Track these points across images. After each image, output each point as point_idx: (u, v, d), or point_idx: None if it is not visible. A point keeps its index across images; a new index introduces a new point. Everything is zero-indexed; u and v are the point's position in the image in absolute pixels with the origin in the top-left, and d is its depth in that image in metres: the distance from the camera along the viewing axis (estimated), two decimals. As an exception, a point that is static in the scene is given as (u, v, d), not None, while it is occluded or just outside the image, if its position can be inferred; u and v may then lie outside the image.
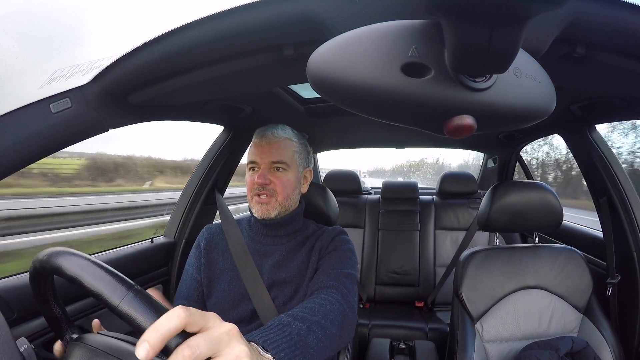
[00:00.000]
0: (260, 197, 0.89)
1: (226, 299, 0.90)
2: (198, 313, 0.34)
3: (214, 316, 0.37)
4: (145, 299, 0.39)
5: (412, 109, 0.35)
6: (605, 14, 0.45)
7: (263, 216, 0.90)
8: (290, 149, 0.93)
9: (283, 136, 0.92)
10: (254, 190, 0.90)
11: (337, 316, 0.69)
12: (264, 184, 0.88)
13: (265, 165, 0.90)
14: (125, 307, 0.38)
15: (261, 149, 0.90)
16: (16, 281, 0.82)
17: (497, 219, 1.11)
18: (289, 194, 0.91)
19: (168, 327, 0.31)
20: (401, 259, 2.18)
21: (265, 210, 0.89)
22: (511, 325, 1.07)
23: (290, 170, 0.92)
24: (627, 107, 0.96)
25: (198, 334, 0.33)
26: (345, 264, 0.86)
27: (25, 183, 6.69)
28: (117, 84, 0.63)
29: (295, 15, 0.47)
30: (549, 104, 0.40)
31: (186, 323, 0.33)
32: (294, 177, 0.93)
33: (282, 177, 0.90)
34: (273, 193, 0.89)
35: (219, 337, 0.34)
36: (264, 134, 0.92)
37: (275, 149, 0.90)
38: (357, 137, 2.07)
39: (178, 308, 0.33)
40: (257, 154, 0.91)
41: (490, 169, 2.54)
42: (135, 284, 0.41)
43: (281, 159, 0.90)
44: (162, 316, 0.32)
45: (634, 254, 1.11)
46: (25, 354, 0.47)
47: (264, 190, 0.89)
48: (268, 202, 0.89)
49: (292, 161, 0.92)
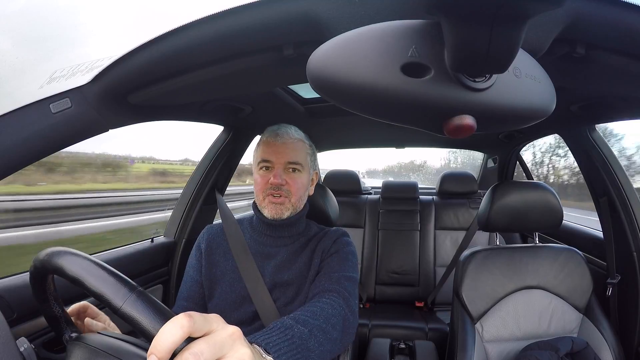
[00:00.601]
0: (274, 197, 0.88)
1: (228, 300, 0.89)
2: (201, 319, 0.34)
3: (216, 318, 0.36)
4: (148, 301, 0.39)
5: (412, 109, 0.35)
6: (605, 14, 0.45)
7: (276, 216, 0.88)
8: (304, 150, 0.92)
9: (297, 137, 0.92)
10: (268, 190, 0.88)
11: (338, 320, 0.69)
12: (280, 185, 0.87)
13: (280, 165, 0.88)
14: (128, 309, 0.38)
15: (276, 148, 0.88)
16: (16, 281, 0.82)
17: (497, 219, 1.11)
18: (301, 195, 0.91)
19: (173, 340, 0.31)
20: (401, 258, 2.18)
21: (279, 211, 0.88)
22: (511, 326, 1.07)
23: (304, 171, 0.91)
24: (627, 107, 0.96)
25: (202, 339, 0.33)
26: (347, 266, 0.86)
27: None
28: (117, 84, 0.63)
29: (295, 15, 0.47)
30: (549, 104, 0.40)
31: (190, 332, 0.33)
32: (307, 179, 0.93)
33: (297, 179, 0.89)
34: (288, 194, 0.88)
35: (222, 340, 0.34)
36: (278, 133, 0.90)
37: (291, 149, 0.89)
38: (357, 137, 2.07)
39: (182, 317, 0.33)
40: (272, 153, 0.89)
41: (490, 169, 2.54)
42: (138, 285, 0.41)
43: (297, 160, 0.89)
44: (166, 326, 0.32)
45: (634, 254, 1.11)
46: (25, 353, 0.47)
47: (279, 191, 0.87)
48: (282, 203, 0.88)
49: (305, 163, 0.92)
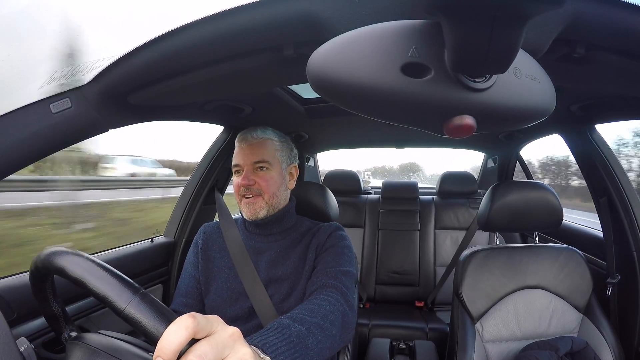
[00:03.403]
0: (246, 197, 0.91)
1: (223, 296, 0.90)
2: (204, 320, 0.35)
3: (217, 319, 0.37)
4: (151, 303, 0.39)
5: (412, 109, 0.35)
6: (605, 14, 0.45)
7: (252, 217, 0.92)
8: (271, 147, 0.95)
9: (262, 137, 0.95)
10: (241, 192, 0.92)
11: (337, 316, 0.70)
12: (248, 185, 0.90)
13: (248, 166, 0.92)
14: (132, 311, 0.38)
15: (242, 152, 0.93)
16: (16, 281, 0.82)
17: (497, 218, 1.11)
18: (274, 191, 0.93)
19: (179, 342, 0.32)
20: (401, 258, 2.18)
21: (253, 211, 0.91)
22: (511, 325, 1.07)
23: (273, 168, 0.94)
24: (627, 107, 0.96)
25: (204, 340, 0.34)
26: (343, 261, 0.86)
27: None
28: (117, 84, 0.63)
29: (296, 15, 0.47)
30: (549, 104, 0.40)
31: (194, 333, 0.33)
32: (278, 174, 0.95)
33: (265, 176, 0.92)
34: (259, 192, 0.91)
35: (224, 341, 0.35)
36: (244, 137, 0.95)
37: (255, 149, 0.93)
38: (357, 137, 2.07)
39: (186, 318, 0.33)
40: (240, 157, 0.93)
41: (490, 169, 2.54)
42: (141, 287, 0.41)
43: (262, 158, 0.92)
44: (171, 328, 0.32)
45: (634, 254, 1.11)
46: (25, 353, 0.47)
47: (249, 191, 0.91)
48: (255, 202, 0.91)
49: (273, 159, 0.94)
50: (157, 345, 0.32)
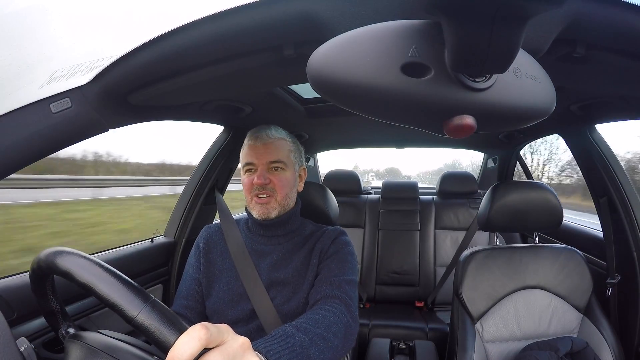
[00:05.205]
0: (259, 197, 0.90)
1: (225, 298, 0.90)
2: (215, 330, 0.35)
3: (227, 329, 0.38)
4: (162, 312, 0.39)
5: (412, 109, 0.35)
6: (605, 14, 0.45)
7: (263, 216, 0.90)
8: (286, 148, 0.93)
9: (277, 136, 0.93)
10: (253, 191, 0.90)
11: (340, 328, 0.70)
12: (263, 184, 0.88)
13: (263, 165, 0.90)
14: (143, 319, 0.39)
15: (257, 150, 0.91)
16: (17, 281, 0.82)
17: (497, 218, 1.11)
18: (287, 192, 0.92)
19: (191, 352, 0.32)
20: (401, 258, 2.18)
21: (266, 210, 0.90)
22: (511, 325, 1.07)
23: (288, 169, 0.93)
24: (627, 107, 0.96)
25: (216, 350, 0.34)
26: (347, 269, 0.86)
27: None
28: (117, 84, 0.63)
29: (296, 15, 0.47)
30: (549, 104, 0.40)
31: (207, 344, 0.33)
32: (292, 175, 0.94)
33: (280, 176, 0.91)
34: (273, 192, 0.90)
35: (234, 351, 0.36)
36: (258, 135, 0.92)
37: (271, 149, 0.91)
38: (357, 137, 2.07)
39: (199, 328, 0.33)
40: (254, 155, 0.91)
41: (490, 169, 2.54)
42: (150, 294, 0.42)
43: (279, 158, 0.91)
44: (183, 338, 0.33)
45: (634, 254, 1.11)
46: (25, 353, 0.47)
47: (263, 190, 0.89)
48: (268, 202, 0.90)
49: (288, 160, 0.93)
50: (168, 355, 0.32)
